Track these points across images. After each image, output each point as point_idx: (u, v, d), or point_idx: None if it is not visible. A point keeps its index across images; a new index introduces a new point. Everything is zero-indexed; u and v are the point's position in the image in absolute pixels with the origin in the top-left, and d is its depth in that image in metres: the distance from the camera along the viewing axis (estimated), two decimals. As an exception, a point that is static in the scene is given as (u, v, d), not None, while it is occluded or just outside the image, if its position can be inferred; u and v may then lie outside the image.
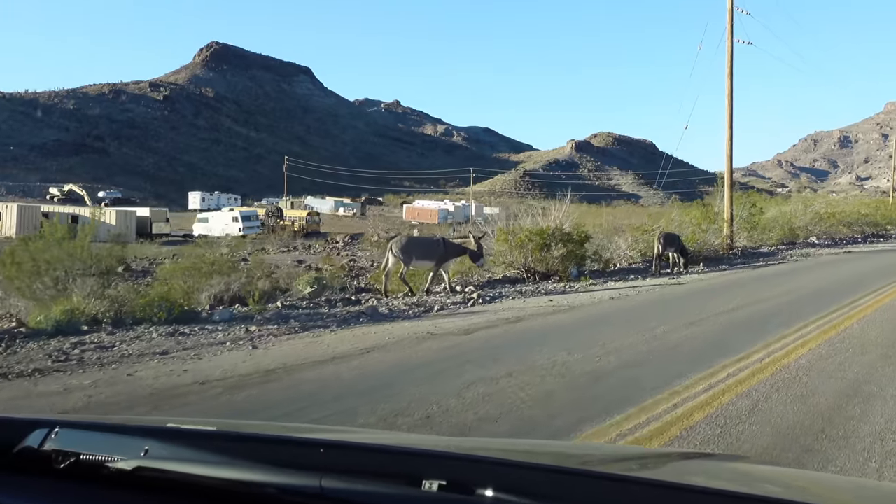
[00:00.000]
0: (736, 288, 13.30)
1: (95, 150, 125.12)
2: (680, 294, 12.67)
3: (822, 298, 11.27)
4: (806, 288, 12.87)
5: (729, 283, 14.35)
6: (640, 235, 19.17)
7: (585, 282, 15.46)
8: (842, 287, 12.97)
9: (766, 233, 26.08)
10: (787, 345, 7.22)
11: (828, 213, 33.70)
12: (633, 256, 19.13)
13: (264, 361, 7.17)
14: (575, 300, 12.01)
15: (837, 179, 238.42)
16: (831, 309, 9.88)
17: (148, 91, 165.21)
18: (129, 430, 1.62)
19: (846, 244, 29.37)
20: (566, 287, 14.63)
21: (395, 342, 8.14)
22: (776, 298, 11.47)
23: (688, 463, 1.85)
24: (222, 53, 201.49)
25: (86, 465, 1.45)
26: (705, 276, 16.26)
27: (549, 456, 1.87)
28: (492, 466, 1.36)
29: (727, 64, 21.72)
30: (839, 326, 8.40)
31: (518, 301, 12.36)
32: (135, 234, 49.97)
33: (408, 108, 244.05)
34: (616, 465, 1.62)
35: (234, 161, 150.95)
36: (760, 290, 12.58)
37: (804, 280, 14.35)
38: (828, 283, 13.54)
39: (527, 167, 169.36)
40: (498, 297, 12.92)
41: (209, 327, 9.64)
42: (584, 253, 17.02)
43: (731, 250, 21.57)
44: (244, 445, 1.52)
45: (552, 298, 12.35)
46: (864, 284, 12.99)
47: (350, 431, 2.80)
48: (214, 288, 12.39)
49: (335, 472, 1.30)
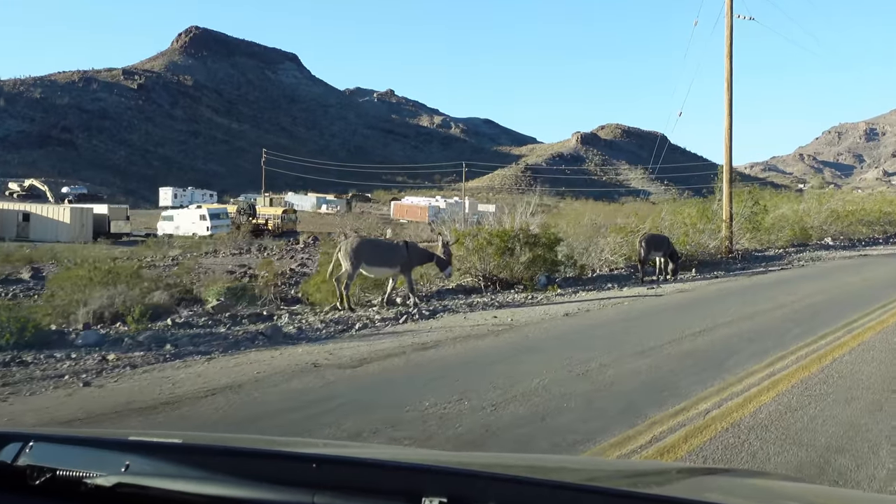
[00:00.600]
0: (719, 302, 11.98)
1: (62, 143, 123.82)
2: (651, 309, 11.35)
3: (817, 317, 9.96)
4: (802, 302, 11.55)
5: (714, 295, 13.03)
6: (624, 237, 17.85)
7: (552, 292, 14.19)
8: (844, 300, 11.66)
9: (773, 233, 24.77)
10: (749, 386, 5.91)
11: (845, 211, 32.39)
12: (615, 261, 17.83)
13: (69, 409, 5.93)
14: (523, 316, 10.71)
15: (863, 175, 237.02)
16: (823, 332, 8.56)
17: (121, 79, 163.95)
18: (109, 444, 1.62)
19: (864, 246, 28.08)
20: (527, 298, 13.37)
21: (262, 378, 6.87)
22: (761, 316, 10.15)
23: (702, 479, 1.83)
24: (202, 39, 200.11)
25: (63, 481, 1.43)
26: (692, 284, 14.96)
27: (554, 471, 1.79)
28: (494, 482, 1.35)
29: (726, 42, 20.35)
30: (826, 358, 7.07)
31: (459, 317, 11.08)
32: (91, 233, 48.93)
33: (402, 98, 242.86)
34: (624, 481, 1.62)
35: (213, 154, 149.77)
36: (746, 305, 11.26)
37: (804, 291, 13.04)
38: (829, 296, 12.21)
39: (529, 161, 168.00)
40: (440, 312, 11.65)
41: (61, 354, 8.42)
42: (554, 258, 15.74)
43: (731, 254, 20.26)
44: (232, 460, 1.50)
45: (498, 314, 11.05)
46: (871, 297, 11.70)
47: (344, 445, 2.72)
48: (96, 302, 11.10)
49: (329, 489, 1.30)
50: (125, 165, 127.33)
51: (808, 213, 29.59)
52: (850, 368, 6.63)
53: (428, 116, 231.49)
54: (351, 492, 1.30)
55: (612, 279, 16.46)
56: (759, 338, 8.37)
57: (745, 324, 9.48)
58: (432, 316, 11.31)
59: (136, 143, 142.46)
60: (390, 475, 1.40)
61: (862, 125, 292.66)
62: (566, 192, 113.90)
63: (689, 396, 5.59)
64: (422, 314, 11.41)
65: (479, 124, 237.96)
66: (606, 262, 17.90)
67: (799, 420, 5.02)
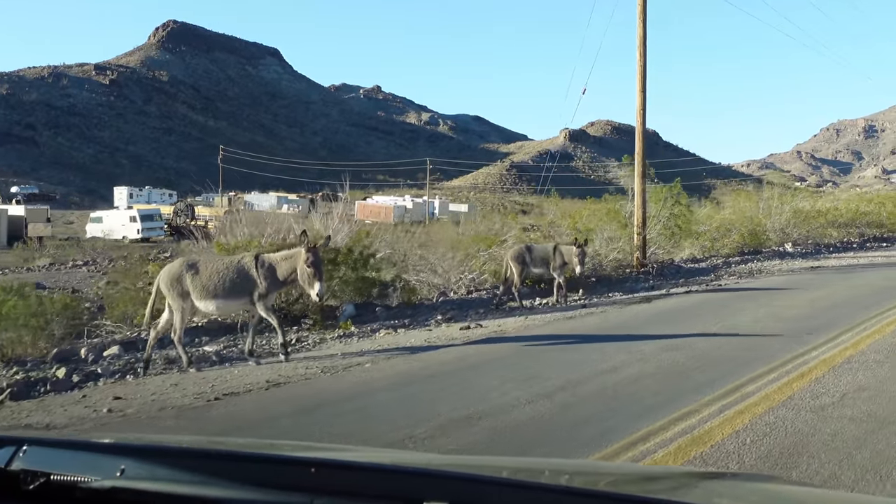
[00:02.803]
0: (532, 358, 7.87)
1: (23, 140, 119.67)
2: (424, 373, 7.26)
3: (666, 388, 5.96)
4: (656, 360, 7.44)
5: (554, 343, 8.90)
6: (489, 249, 13.79)
7: (344, 329, 10.19)
8: (737, 353, 7.59)
9: (713, 241, 20.74)
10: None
11: (814, 211, 28.35)
12: (479, 281, 13.75)
13: None
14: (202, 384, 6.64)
15: (862, 172, 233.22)
16: (645, 427, 4.59)
17: (93, 74, 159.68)
18: (104, 448, 1.61)
19: (831, 252, 24.00)
20: (307, 340, 9.42)
21: None
22: (573, 389, 6.07)
23: (712, 483, 1.76)
24: (180, 33, 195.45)
25: (57, 485, 1.42)
26: (542, 318, 10.82)
27: (560, 475, 1.68)
28: (498, 487, 1.34)
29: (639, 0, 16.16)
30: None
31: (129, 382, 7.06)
32: (5, 237, 45.25)
33: (389, 95, 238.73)
34: (632, 486, 1.58)
35: (186, 152, 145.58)
36: (569, 368, 7.18)
37: (689, 328, 8.96)
38: (688, 354, 8.00)
39: (515, 159, 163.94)
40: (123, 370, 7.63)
41: None
42: (376, 278, 11.72)
43: (644, 267, 16.15)
44: (229, 464, 1.47)
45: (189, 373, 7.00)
46: (779, 347, 7.66)
47: (344, 450, 2.59)
48: None
49: (327, 494, 1.29)
50: (90, 164, 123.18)
51: (768, 213, 25.52)
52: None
53: (416, 113, 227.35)
54: (350, 496, 1.27)
55: (463, 305, 12.42)
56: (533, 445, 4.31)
57: (525, 411, 5.42)
58: (94, 379, 7.27)
59: (105, 141, 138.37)
60: (390, 479, 1.37)
61: (861, 122, 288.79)
62: (550, 191, 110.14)
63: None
64: (92, 375, 7.38)
65: (469, 121, 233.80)
66: (473, 282, 13.83)
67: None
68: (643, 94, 16.38)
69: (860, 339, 8.20)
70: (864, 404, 5.55)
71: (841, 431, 4.89)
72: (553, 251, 12.50)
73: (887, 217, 34.05)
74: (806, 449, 4.55)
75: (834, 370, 6.66)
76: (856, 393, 5.88)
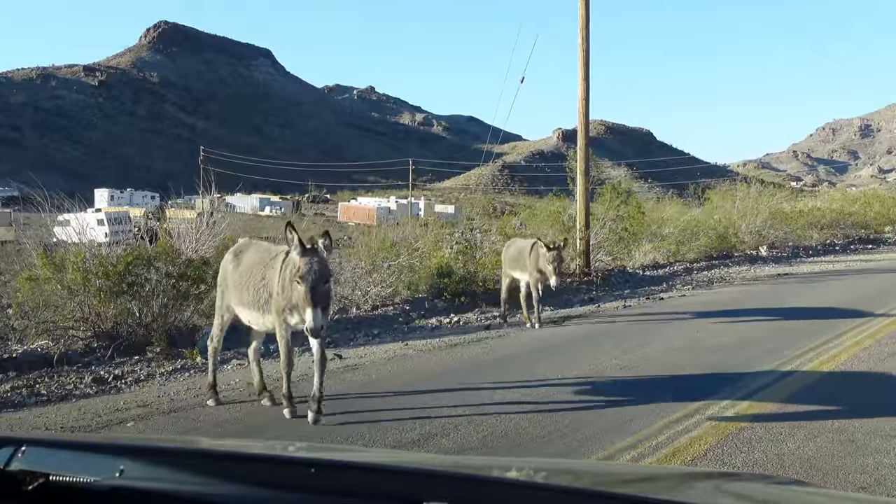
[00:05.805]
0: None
1: (8, 142, 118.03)
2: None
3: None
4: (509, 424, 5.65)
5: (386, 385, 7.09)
6: (393, 258, 11.99)
7: (192, 357, 8.45)
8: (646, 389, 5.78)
9: (679, 244, 18.95)
10: None
11: (794, 212, 26.58)
12: (384, 294, 11.93)
13: None
14: None
15: (858, 172, 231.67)
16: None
17: (82, 76, 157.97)
18: (104, 449, 1.60)
19: (809, 256, 22.22)
20: (130, 377, 7.70)
21: None
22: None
23: (712, 483, 1.71)
24: (172, 34, 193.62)
25: (56, 486, 1.39)
26: (437, 342, 9.00)
27: (562, 475, 1.67)
28: (500, 487, 1.33)
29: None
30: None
31: None
32: (-36, 241, 43.57)
33: (383, 96, 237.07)
34: (634, 486, 1.56)
35: (176, 154, 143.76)
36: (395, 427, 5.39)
37: (585, 360, 7.20)
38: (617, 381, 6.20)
39: (508, 159, 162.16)
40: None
41: None
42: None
43: (587, 276, 14.33)
44: (229, 465, 1.46)
45: None
46: (695, 385, 5.87)
47: (343, 450, 2.62)
48: None
49: (327, 494, 1.29)
50: (77, 166, 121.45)
51: (743, 214, 23.73)
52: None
53: (410, 114, 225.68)
54: (350, 497, 1.26)
55: (360, 325, 10.63)
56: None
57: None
58: None
59: (93, 143, 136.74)
60: (390, 479, 1.36)
61: (857, 121, 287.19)
62: (538, 191, 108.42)
63: None
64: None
65: (463, 121, 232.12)
66: (379, 297, 12.00)
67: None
68: (586, 83, 14.58)
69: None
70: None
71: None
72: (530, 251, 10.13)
73: (874, 218, 32.30)
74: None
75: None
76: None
